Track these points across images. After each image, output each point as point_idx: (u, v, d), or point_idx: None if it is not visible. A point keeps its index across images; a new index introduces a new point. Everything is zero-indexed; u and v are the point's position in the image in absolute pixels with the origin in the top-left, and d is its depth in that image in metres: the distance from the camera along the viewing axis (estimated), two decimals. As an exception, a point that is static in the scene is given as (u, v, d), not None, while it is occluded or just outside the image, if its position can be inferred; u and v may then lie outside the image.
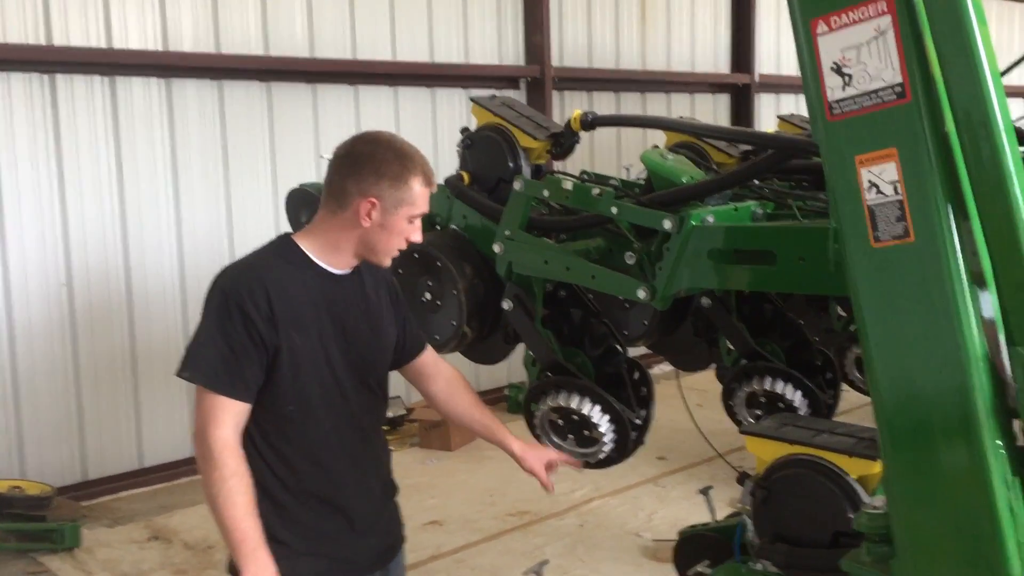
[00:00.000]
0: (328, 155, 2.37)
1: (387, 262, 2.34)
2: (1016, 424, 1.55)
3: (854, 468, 2.28)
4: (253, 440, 2.27)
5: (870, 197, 1.53)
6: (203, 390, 2.21)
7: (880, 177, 1.51)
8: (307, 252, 2.32)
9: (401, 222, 2.27)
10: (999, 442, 1.52)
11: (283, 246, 2.35)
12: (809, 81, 1.60)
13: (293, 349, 2.24)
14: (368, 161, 2.25)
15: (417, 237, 2.33)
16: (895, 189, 1.51)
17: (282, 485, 2.29)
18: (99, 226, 5.95)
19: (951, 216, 1.51)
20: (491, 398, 7.66)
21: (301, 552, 2.29)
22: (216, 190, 6.40)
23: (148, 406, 6.22)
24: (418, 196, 2.27)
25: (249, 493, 2.18)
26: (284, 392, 2.25)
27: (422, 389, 2.70)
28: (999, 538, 1.54)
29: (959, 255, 1.51)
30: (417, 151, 2.33)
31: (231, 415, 2.19)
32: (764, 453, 2.46)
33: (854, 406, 4.57)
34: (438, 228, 3.31)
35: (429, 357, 2.65)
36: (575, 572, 4.59)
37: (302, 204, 3.63)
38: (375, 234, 2.28)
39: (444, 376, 2.66)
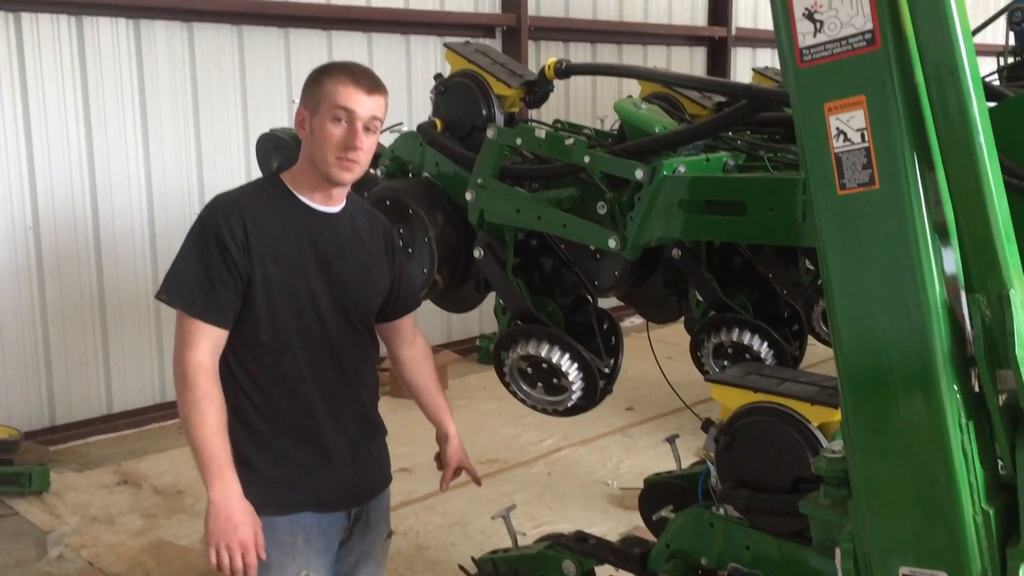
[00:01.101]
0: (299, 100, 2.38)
1: (338, 174, 2.31)
2: (972, 371, 1.58)
3: (816, 416, 2.32)
4: (231, 367, 2.31)
5: (837, 145, 1.55)
6: (181, 314, 2.26)
7: (848, 125, 1.52)
8: (292, 189, 2.37)
9: (325, 122, 2.27)
10: (955, 387, 1.55)
11: (269, 183, 2.41)
12: (781, 28, 1.60)
13: (268, 280, 2.27)
14: (307, 80, 2.34)
15: (355, 141, 2.28)
16: (862, 137, 1.52)
17: (257, 412, 2.32)
18: (66, 170, 5.87)
19: (916, 165, 1.53)
20: (463, 348, 7.69)
21: (273, 481, 2.33)
22: (186, 134, 6.32)
23: (116, 352, 6.20)
24: (332, 91, 2.27)
25: (220, 415, 2.23)
26: (259, 321, 2.29)
27: (393, 350, 2.75)
28: (953, 486, 1.58)
29: (923, 204, 1.53)
30: (356, 64, 2.35)
31: (207, 339, 2.24)
32: (729, 401, 2.50)
33: (820, 360, 4.64)
34: (410, 176, 3.29)
35: (409, 321, 2.70)
36: (542, 518, 4.66)
37: (273, 149, 3.60)
38: (311, 144, 2.31)
39: (418, 346, 2.75)
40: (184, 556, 4.45)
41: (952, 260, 1.59)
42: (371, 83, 2.31)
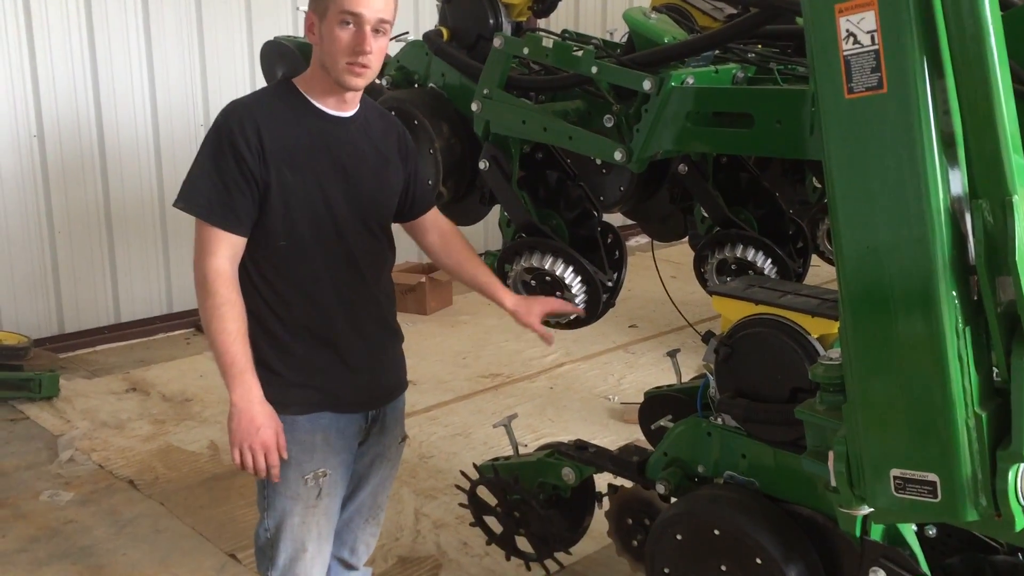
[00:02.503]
0: (304, 6, 2.34)
1: (350, 80, 2.30)
2: (972, 279, 1.59)
3: (816, 328, 2.34)
4: (249, 273, 2.34)
5: (847, 47, 1.53)
6: (199, 222, 2.28)
7: (858, 26, 1.50)
8: (305, 94, 2.35)
9: (333, 27, 2.24)
10: (954, 294, 1.57)
11: (283, 88, 2.39)
12: (794, -72, 1.57)
13: (284, 186, 2.27)
14: None
15: (364, 46, 2.26)
16: (872, 39, 1.51)
17: (276, 317, 2.36)
18: (69, 77, 5.82)
19: (926, 71, 1.52)
20: (467, 265, 7.69)
21: (292, 383, 2.38)
22: (190, 42, 6.24)
23: (123, 262, 6.23)
24: None
25: (240, 320, 2.27)
26: (275, 227, 2.30)
27: (419, 241, 2.78)
28: (947, 390, 1.60)
29: (931, 110, 1.52)
30: None
31: (226, 246, 2.26)
32: (730, 312, 2.52)
33: (824, 280, 4.66)
34: (416, 86, 3.26)
35: (431, 215, 2.72)
36: (544, 431, 4.74)
37: (278, 57, 3.55)
38: (321, 50, 2.29)
39: (440, 229, 2.74)
40: (192, 461, 4.55)
41: (957, 169, 1.59)
42: None
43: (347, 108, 2.38)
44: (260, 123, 2.26)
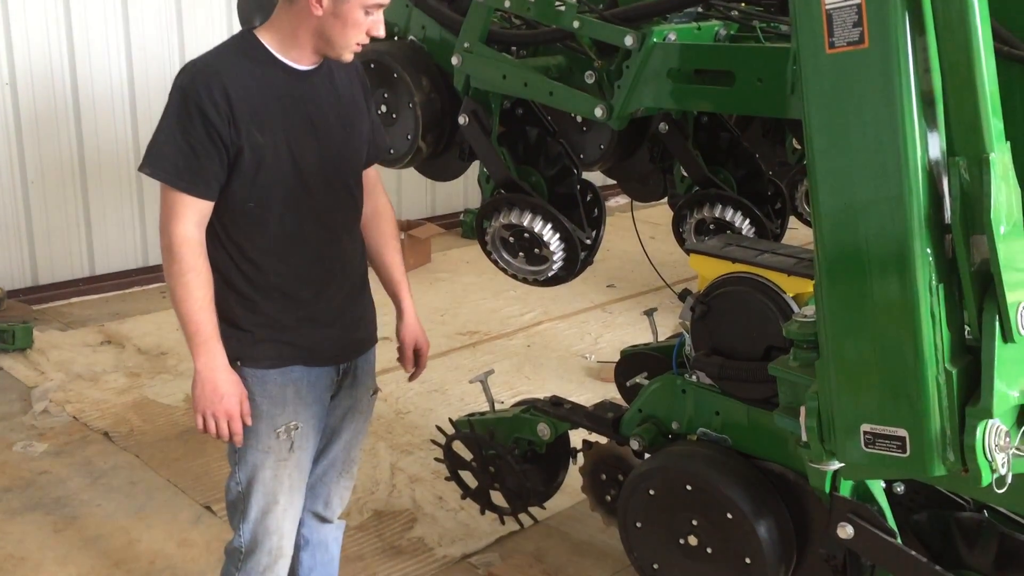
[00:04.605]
0: None
1: (347, 56, 2.28)
2: (947, 238, 1.60)
3: (792, 286, 2.36)
4: (217, 235, 2.31)
5: (829, 1, 1.53)
6: (165, 186, 2.24)
7: (842, -20, 1.50)
8: (269, 48, 2.29)
9: (356, 11, 2.20)
10: (928, 251, 1.58)
11: (245, 42, 2.30)
12: None
13: (255, 147, 2.24)
14: None
15: (380, 31, 2.26)
16: (855, -7, 1.51)
17: (245, 278, 2.33)
18: (43, 25, 5.71)
19: (908, 27, 1.52)
20: (446, 223, 7.69)
21: (262, 339, 2.36)
22: (166, -8, 6.13)
23: (97, 215, 6.16)
24: None
25: (206, 287, 2.25)
26: (244, 189, 2.27)
27: None
28: (918, 346, 1.62)
29: (911, 66, 1.52)
30: None
31: (192, 211, 2.23)
32: (706, 271, 2.54)
33: (801, 243, 4.68)
34: (395, 39, 3.22)
35: (373, 173, 2.60)
36: (520, 388, 4.76)
37: (256, 7, 3.49)
38: (329, 24, 2.22)
39: (375, 201, 2.61)
40: (168, 413, 4.54)
41: (936, 128, 1.59)
42: None
43: (314, 62, 2.33)
44: (228, 86, 2.19)
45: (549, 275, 3.05)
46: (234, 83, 2.21)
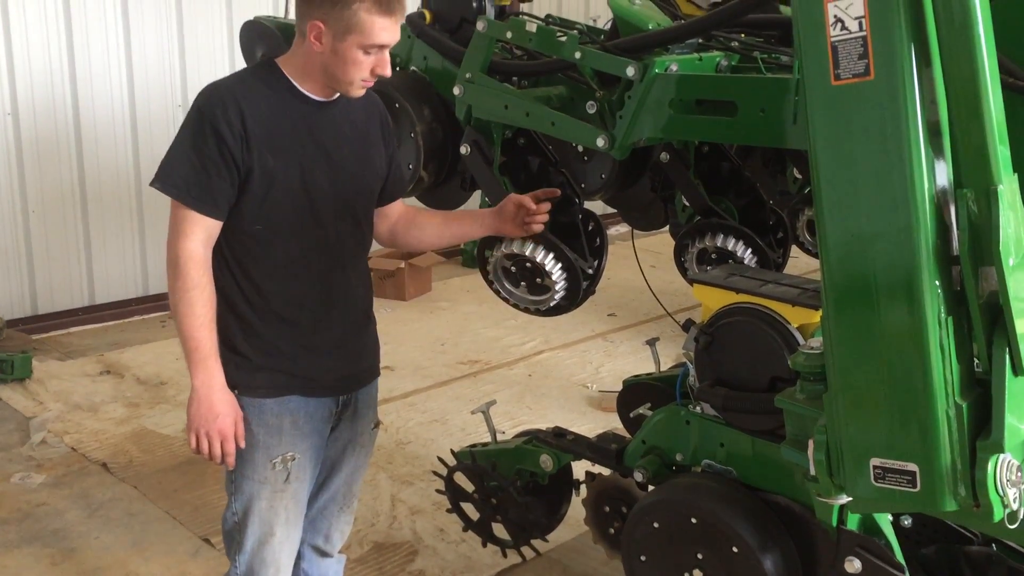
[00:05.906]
0: None
1: (354, 92, 2.30)
2: (955, 270, 1.59)
3: (796, 317, 2.34)
4: (224, 256, 2.31)
5: (834, 33, 1.52)
6: (174, 203, 2.24)
7: (846, 12, 1.50)
8: (289, 77, 2.31)
9: (353, 51, 2.20)
10: (937, 283, 1.56)
11: (266, 70, 2.34)
12: (783, -86, 1.56)
13: (267, 171, 2.24)
14: None
15: (385, 70, 2.27)
16: (860, 25, 1.50)
17: (247, 302, 2.33)
18: (45, 55, 5.74)
19: (914, 58, 1.51)
20: (447, 251, 7.68)
21: (260, 366, 2.35)
22: (168, 21, 6.17)
23: (98, 244, 6.16)
24: (366, 24, 2.18)
25: (209, 305, 2.24)
26: (252, 211, 2.27)
27: (386, 233, 2.68)
28: (928, 380, 1.60)
29: (917, 98, 1.52)
30: None
31: (200, 229, 2.23)
32: (710, 301, 2.52)
33: (803, 271, 4.67)
34: (398, 69, 3.23)
35: (399, 207, 2.66)
36: (522, 418, 4.73)
37: (257, 37, 3.51)
38: (330, 61, 2.24)
39: (396, 211, 2.66)
40: (167, 444, 4.51)
41: (943, 158, 1.58)
42: (399, 6, 2.24)
43: (330, 94, 2.35)
44: (243, 107, 2.22)
45: (551, 305, 3.03)
46: (251, 106, 2.24)
